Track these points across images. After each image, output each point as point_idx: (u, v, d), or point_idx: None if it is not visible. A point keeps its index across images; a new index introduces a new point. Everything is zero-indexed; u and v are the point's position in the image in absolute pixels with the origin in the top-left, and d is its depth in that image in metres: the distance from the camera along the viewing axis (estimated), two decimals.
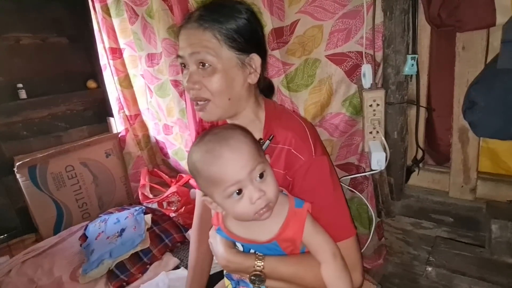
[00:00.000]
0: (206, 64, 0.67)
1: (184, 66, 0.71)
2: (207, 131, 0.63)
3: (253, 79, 0.73)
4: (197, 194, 1.02)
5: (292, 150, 0.69)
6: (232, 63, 0.69)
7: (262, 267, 0.62)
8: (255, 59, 0.72)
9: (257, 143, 0.64)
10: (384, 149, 0.94)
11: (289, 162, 0.70)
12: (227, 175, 0.57)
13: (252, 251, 0.66)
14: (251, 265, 0.63)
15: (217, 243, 0.68)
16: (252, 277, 0.63)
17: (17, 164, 1.71)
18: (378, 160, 0.92)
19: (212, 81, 0.67)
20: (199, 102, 0.71)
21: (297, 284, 0.66)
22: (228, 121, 0.78)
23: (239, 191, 0.57)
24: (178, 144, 1.91)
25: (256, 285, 0.63)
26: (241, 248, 0.67)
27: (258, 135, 0.75)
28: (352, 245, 0.69)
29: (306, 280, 0.65)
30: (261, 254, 0.64)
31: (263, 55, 0.75)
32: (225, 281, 0.72)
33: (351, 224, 0.71)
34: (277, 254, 0.64)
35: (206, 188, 0.61)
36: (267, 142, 0.73)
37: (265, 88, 0.84)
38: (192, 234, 1.03)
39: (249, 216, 0.59)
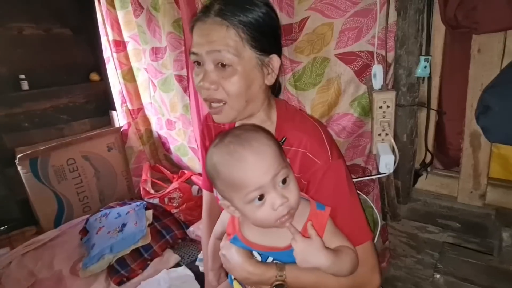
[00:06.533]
0: (226, 65, 0.63)
1: (199, 64, 0.67)
2: (227, 132, 0.60)
3: (270, 80, 0.69)
4: (204, 194, 1.00)
5: (308, 154, 0.67)
6: (252, 63, 0.64)
7: (284, 276, 0.60)
8: (275, 60, 0.68)
9: (280, 146, 0.60)
10: (393, 152, 0.92)
11: (305, 166, 0.67)
12: (249, 180, 0.53)
13: (270, 259, 0.64)
14: (272, 275, 0.60)
15: (233, 254, 0.64)
16: None
17: (19, 156, 1.70)
18: (386, 163, 0.90)
19: (231, 83, 0.63)
20: (213, 104, 0.67)
21: None
22: (240, 123, 0.74)
23: (261, 197, 0.54)
24: (180, 140, 1.89)
25: None
26: (259, 258, 0.64)
27: None
28: (370, 248, 0.68)
29: (329, 286, 0.63)
30: (281, 263, 0.62)
31: (280, 55, 0.72)
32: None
33: (367, 227, 0.70)
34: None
35: (226, 192, 0.58)
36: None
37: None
38: (203, 234, 1.02)
39: (270, 223, 0.56)
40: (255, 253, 0.64)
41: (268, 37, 0.66)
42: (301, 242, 0.56)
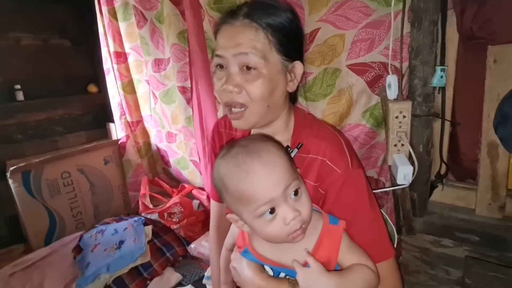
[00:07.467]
0: (251, 68, 0.61)
1: (221, 67, 0.65)
2: (234, 142, 0.58)
3: (292, 87, 0.68)
4: (212, 204, 0.95)
5: (327, 162, 0.64)
6: (277, 68, 0.64)
7: None
8: (298, 67, 0.67)
9: (290, 157, 0.58)
10: (411, 163, 0.90)
11: (323, 174, 0.64)
12: (259, 193, 0.51)
13: (282, 274, 0.60)
14: None
15: (244, 267, 0.60)
16: None
17: (11, 169, 1.61)
18: (405, 175, 0.88)
19: (255, 86, 0.62)
20: (233, 109, 0.64)
21: None
22: (257, 130, 0.72)
23: (272, 211, 0.52)
24: (181, 153, 1.84)
25: None
26: (270, 272, 0.60)
27: (285, 143, 0.70)
28: (392, 267, 0.64)
29: None
30: (293, 278, 0.58)
31: (303, 63, 0.71)
32: None
33: (389, 243, 0.66)
34: None
35: (234, 206, 0.55)
36: (295, 150, 0.68)
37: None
38: (211, 247, 0.97)
39: (281, 238, 0.53)
40: (267, 267, 0.61)
41: (293, 42, 0.66)
42: (301, 271, 0.54)
